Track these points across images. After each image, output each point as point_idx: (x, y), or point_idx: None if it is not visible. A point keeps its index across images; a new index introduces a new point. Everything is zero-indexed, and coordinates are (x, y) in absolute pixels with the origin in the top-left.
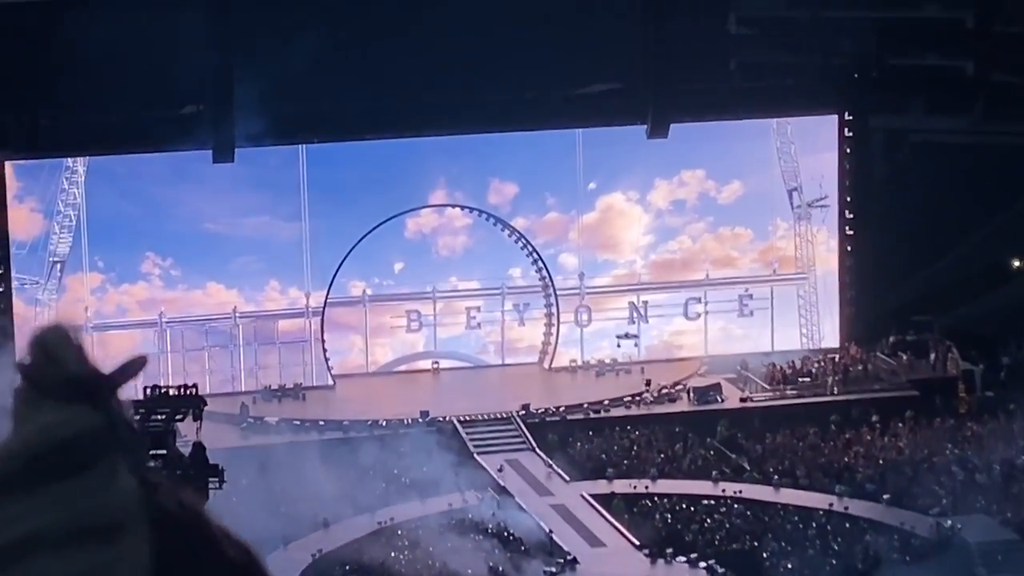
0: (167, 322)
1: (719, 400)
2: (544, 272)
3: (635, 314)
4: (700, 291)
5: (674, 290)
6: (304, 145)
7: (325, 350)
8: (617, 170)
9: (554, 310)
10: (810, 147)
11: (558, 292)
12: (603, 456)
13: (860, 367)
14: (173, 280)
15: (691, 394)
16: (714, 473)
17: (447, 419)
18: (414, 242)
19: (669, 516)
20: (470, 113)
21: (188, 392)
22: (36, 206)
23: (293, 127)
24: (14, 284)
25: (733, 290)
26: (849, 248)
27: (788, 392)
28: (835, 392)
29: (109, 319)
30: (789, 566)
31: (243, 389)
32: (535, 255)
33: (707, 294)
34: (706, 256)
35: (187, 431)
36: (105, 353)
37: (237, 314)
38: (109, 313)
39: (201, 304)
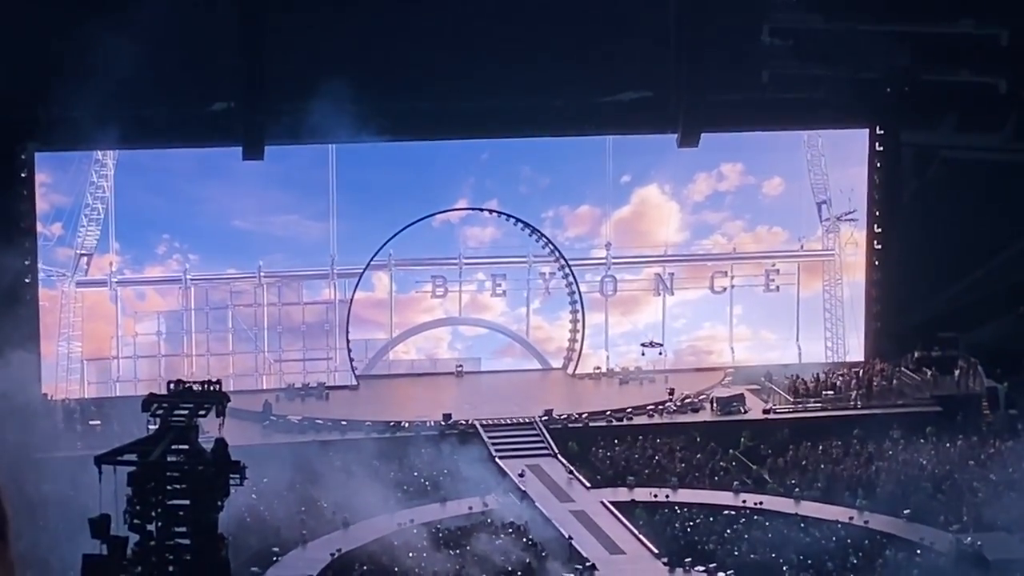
0: (192, 279)
1: (742, 411)
2: (571, 277)
3: (661, 286)
4: (727, 265)
5: (700, 262)
6: (334, 145)
7: (350, 351)
8: (652, 163)
9: (580, 316)
10: (840, 160)
11: (584, 264)
12: (624, 464)
13: (884, 382)
14: (196, 270)
15: (714, 404)
16: (735, 484)
17: (469, 422)
18: (441, 234)
19: (689, 525)
20: (500, 118)
21: (211, 387)
22: (64, 198)
23: (323, 127)
24: (40, 275)
25: (760, 265)
26: (877, 262)
27: (811, 405)
28: (858, 406)
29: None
30: None
31: (266, 349)
32: (562, 260)
33: (733, 268)
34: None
35: (210, 427)
36: (130, 307)
37: (262, 273)
38: (128, 296)
39: (224, 291)
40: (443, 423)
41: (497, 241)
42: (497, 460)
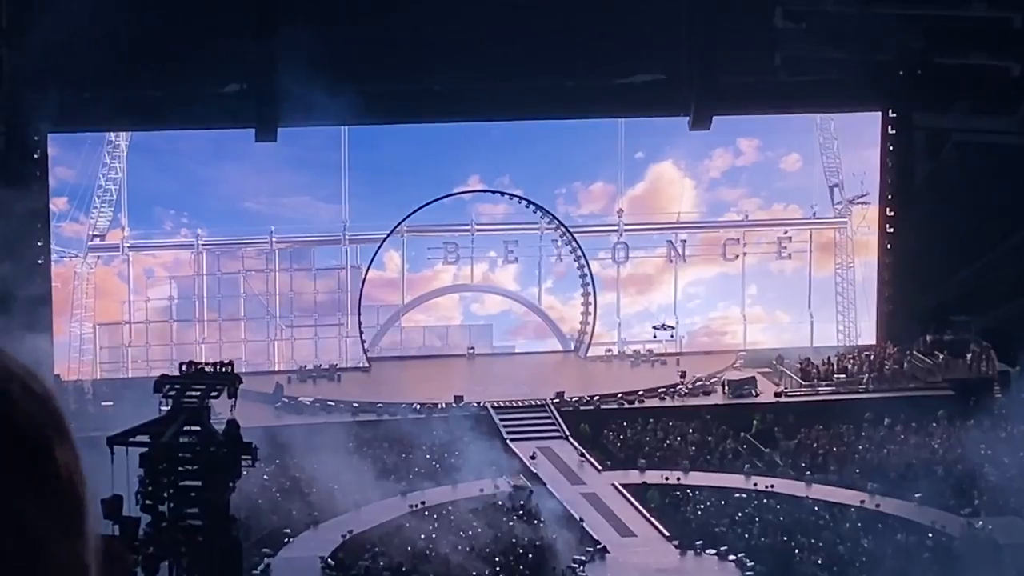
0: (203, 244)
1: (753, 394)
2: (583, 259)
3: (673, 252)
4: (739, 233)
5: (712, 229)
6: (347, 127)
7: (362, 332)
8: (667, 139)
9: (591, 298)
10: (852, 143)
11: (596, 231)
12: (636, 446)
13: (896, 365)
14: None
15: (726, 387)
16: (746, 467)
17: (481, 404)
18: (453, 210)
19: (700, 508)
20: (511, 99)
21: (224, 369)
22: (77, 180)
23: (336, 108)
24: (53, 257)
25: (773, 233)
26: (889, 246)
27: (823, 388)
28: (870, 389)
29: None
30: (819, 562)
31: (278, 315)
32: (574, 243)
33: (745, 235)
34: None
35: (221, 408)
36: (140, 286)
37: (274, 237)
38: (139, 275)
39: (236, 258)
40: (454, 405)
41: (509, 216)
42: (508, 442)
